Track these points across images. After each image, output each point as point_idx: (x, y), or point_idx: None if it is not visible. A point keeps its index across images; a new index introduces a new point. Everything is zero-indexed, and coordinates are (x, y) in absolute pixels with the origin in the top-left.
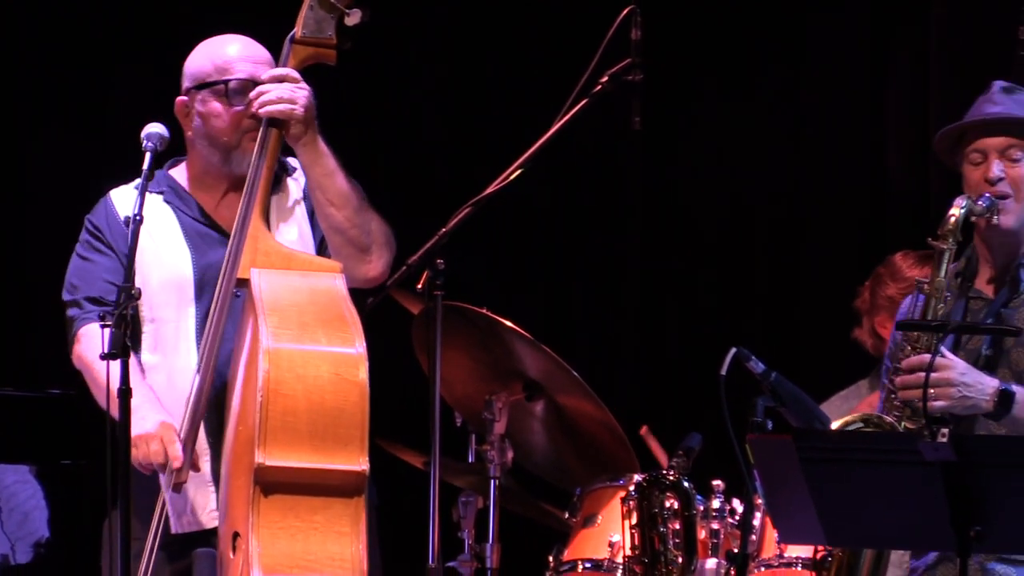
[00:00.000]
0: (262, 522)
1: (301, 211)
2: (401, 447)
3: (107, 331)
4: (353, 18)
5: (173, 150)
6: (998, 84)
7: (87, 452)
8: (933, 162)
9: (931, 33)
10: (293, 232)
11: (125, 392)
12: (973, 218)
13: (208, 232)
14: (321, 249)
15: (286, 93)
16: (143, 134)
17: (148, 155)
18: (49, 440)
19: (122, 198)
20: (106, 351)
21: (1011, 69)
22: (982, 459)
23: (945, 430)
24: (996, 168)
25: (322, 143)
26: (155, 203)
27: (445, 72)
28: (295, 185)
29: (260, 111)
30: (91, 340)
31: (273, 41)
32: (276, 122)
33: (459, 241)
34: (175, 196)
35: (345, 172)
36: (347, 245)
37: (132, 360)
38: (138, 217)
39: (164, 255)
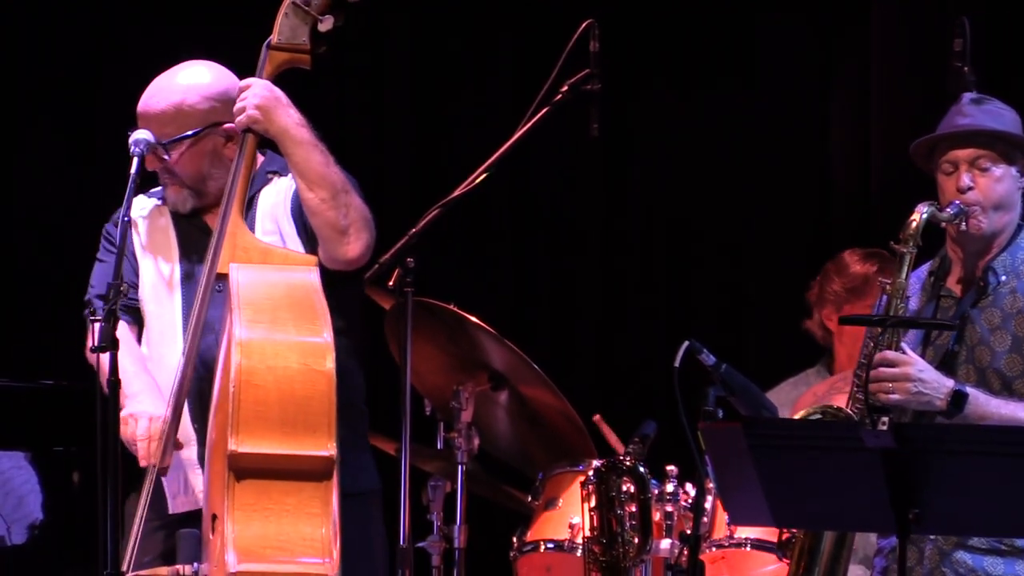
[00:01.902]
0: (236, 505)
1: (283, 209)
2: (374, 434)
3: (97, 326)
4: (326, 24)
5: None
6: (967, 96)
7: (79, 439)
8: (874, 164)
9: (872, 44)
10: (272, 227)
11: (114, 384)
12: (943, 224)
13: (197, 232)
14: (312, 242)
15: (239, 105)
16: (131, 140)
17: (135, 160)
18: (43, 428)
19: (135, 205)
20: (95, 344)
21: (946, 80)
22: (920, 446)
23: (885, 419)
24: (966, 178)
25: (295, 130)
26: (155, 205)
27: (416, 83)
28: (285, 183)
29: (236, 126)
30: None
31: (252, 46)
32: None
33: (428, 241)
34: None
35: (326, 158)
36: (325, 227)
37: (136, 350)
38: (126, 219)
39: (155, 254)
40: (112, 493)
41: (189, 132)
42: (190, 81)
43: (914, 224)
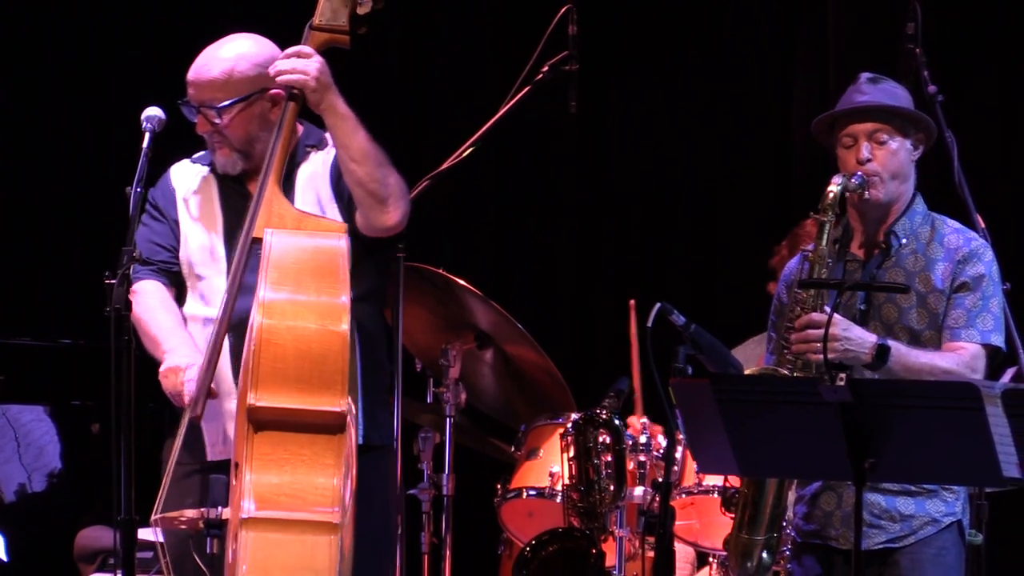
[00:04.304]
0: (255, 455)
1: (323, 179)
2: None
3: (115, 289)
4: (364, 7)
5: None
6: (865, 75)
7: (95, 394)
8: None
9: (830, 26)
10: (311, 197)
11: (127, 343)
12: (848, 193)
13: (241, 199)
14: (349, 211)
15: (299, 65)
16: (143, 116)
17: (147, 135)
18: (61, 384)
19: (178, 172)
20: (111, 306)
21: (899, 61)
22: (875, 400)
23: (843, 375)
24: (865, 150)
25: (342, 107)
26: (201, 173)
27: (405, 63)
28: (321, 156)
29: (278, 80)
30: (138, 295)
31: (296, 27)
32: (293, 95)
33: (419, 210)
34: (216, 171)
35: (367, 133)
36: (367, 197)
37: (173, 308)
38: (139, 189)
39: (202, 220)
40: (126, 444)
41: (240, 96)
42: (239, 50)
43: (831, 194)
